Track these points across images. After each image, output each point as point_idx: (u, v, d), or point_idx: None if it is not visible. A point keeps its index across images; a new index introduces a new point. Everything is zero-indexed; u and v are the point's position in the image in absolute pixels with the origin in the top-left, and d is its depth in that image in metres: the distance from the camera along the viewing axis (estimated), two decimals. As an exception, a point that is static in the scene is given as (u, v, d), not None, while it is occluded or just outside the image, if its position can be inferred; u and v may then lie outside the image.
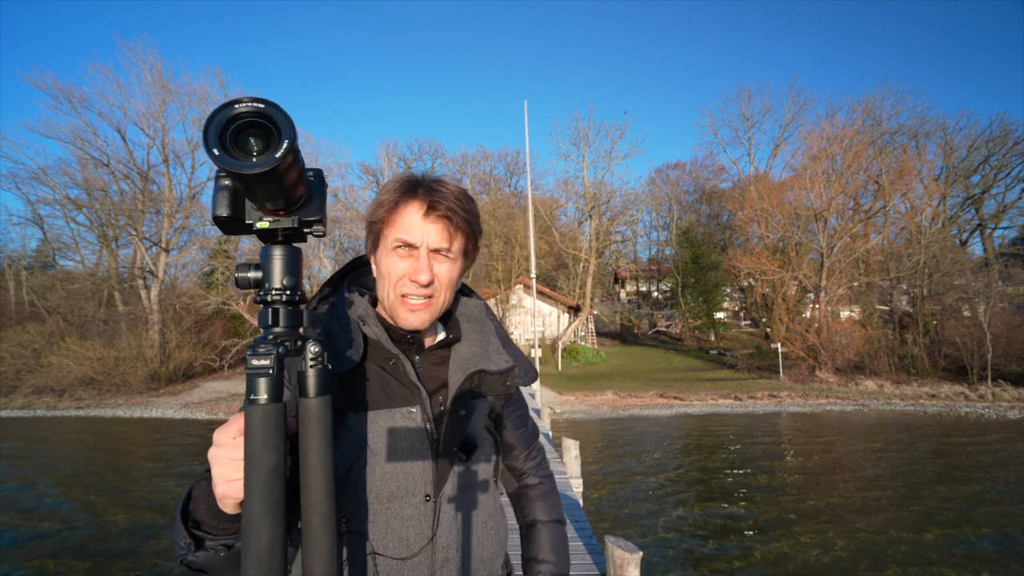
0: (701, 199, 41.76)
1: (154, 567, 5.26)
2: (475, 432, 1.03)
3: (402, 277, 0.96)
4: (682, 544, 5.78)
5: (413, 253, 0.96)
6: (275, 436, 0.60)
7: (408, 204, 0.96)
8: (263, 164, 0.53)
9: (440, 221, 0.95)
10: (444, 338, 1.07)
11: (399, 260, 0.96)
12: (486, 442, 1.05)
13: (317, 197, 0.68)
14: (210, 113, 0.54)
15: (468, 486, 1.01)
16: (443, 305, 1.01)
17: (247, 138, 0.56)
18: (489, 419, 1.07)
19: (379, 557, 0.92)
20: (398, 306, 0.98)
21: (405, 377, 0.97)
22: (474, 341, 1.08)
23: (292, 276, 0.66)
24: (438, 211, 0.94)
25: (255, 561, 0.58)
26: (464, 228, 0.98)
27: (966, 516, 6.65)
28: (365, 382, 0.96)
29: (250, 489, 0.59)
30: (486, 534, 1.03)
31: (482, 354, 1.07)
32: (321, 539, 0.65)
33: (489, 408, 1.08)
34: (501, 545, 1.07)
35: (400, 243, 0.96)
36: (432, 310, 0.99)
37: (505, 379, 1.08)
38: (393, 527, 0.93)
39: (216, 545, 0.73)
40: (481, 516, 1.02)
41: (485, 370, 1.05)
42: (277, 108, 0.55)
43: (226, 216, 0.64)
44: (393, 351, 0.97)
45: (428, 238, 0.95)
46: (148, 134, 27.82)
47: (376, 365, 0.97)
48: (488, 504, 1.05)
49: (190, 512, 0.75)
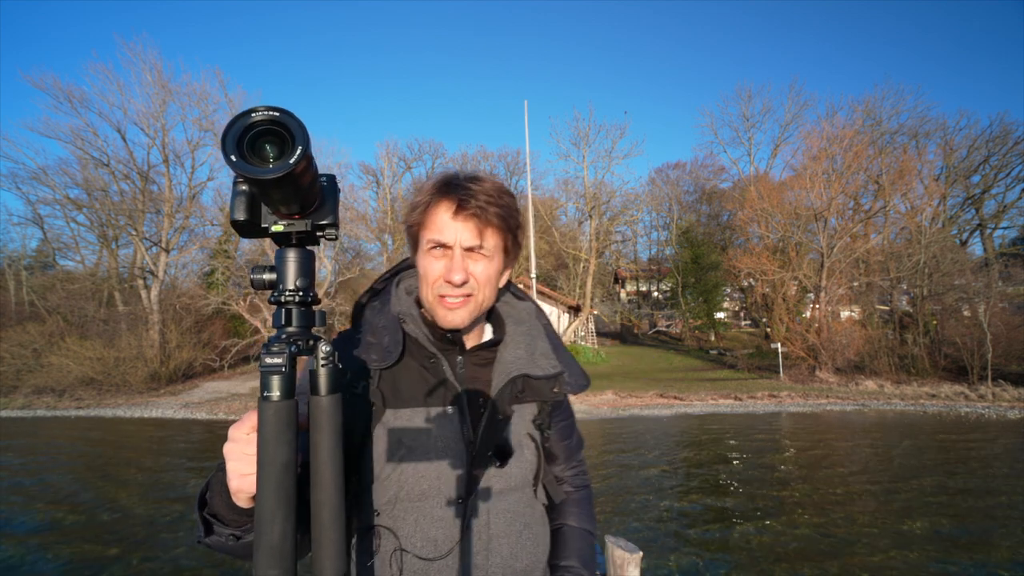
0: (701, 199, 41.77)
1: (153, 568, 5.27)
2: (514, 438, 1.00)
3: (438, 278, 0.96)
4: (682, 544, 5.78)
5: (447, 253, 0.96)
6: (287, 432, 0.62)
7: (439, 204, 0.96)
8: (278, 170, 0.55)
9: (471, 219, 0.94)
10: (487, 340, 1.06)
11: (434, 261, 0.96)
12: (526, 449, 1.02)
13: (330, 201, 0.69)
14: (228, 122, 0.56)
15: (503, 492, 0.98)
16: (483, 303, 0.99)
17: (263, 145, 0.58)
18: (533, 425, 1.03)
19: (406, 554, 0.91)
20: (437, 306, 0.97)
21: (444, 377, 0.98)
22: (520, 344, 1.06)
23: (305, 278, 0.68)
24: (468, 209, 0.94)
25: (267, 553, 0.60)
26: (498, 224, 0.97)
27: (966, 515, 6.65)
28: (405, 379, 0.97)
29: (262, 483, 0.61)
30: (521, 545, 0.98)
31: (527, 358, 1.04)
32: (331, 535, 0.66)
33: (533, 414, 1.04)
34: (538, 559, 1.02)
35: (434, 243, 0.96)
36: (470, 308, 0.97)
37: (552, 385, 1.05)
38: (422, 526, 0.92)
39: (225, 533, 0.76)
40: (515, 526, 0.98)
41: (529, 374, 1.03)
42: (292, 116, 0.57)
43: (243, 220, 0.66)
44: (432, 350, 0.98)
45: (460, 237, 0.95)
46: (148, 134, 27.85)
47: (417, 363, 0.98)
48: (524, 514, 1.00)
49: (207, 500, 0.78)
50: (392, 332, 0.99)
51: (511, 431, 1.00)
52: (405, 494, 0.92)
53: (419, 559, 0.91)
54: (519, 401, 1.02)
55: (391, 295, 1.06)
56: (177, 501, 7.65)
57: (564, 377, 1.08)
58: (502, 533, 0.96)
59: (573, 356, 1.14)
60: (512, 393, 1.01)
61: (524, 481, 1.01)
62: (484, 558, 0.94)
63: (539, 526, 1.04)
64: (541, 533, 1.04)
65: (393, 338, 0.98)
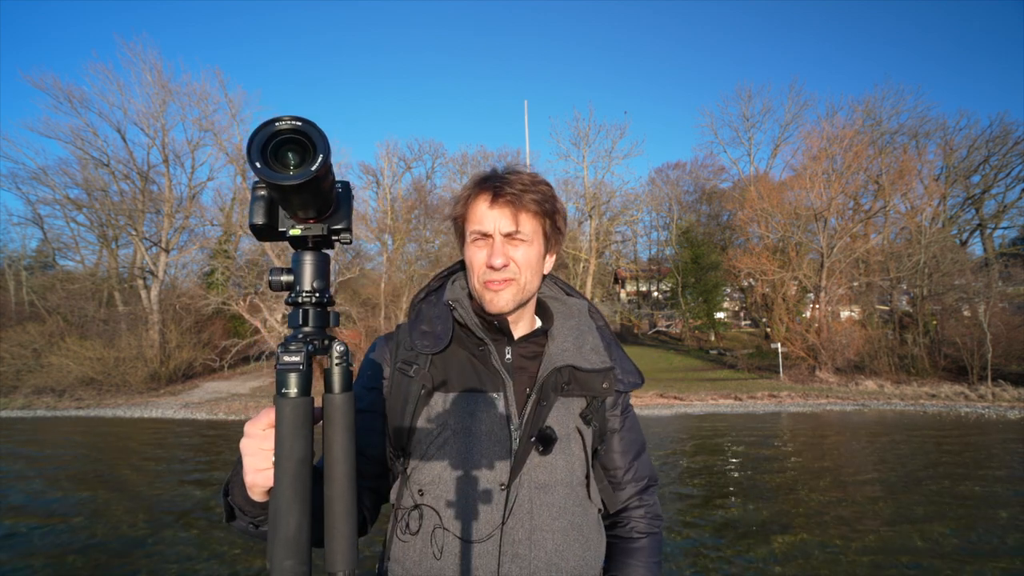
0: (701, 199, 41.76)
1: (153, 568, 5.27)
2: (559, 428, 1.00)
3: (481, 265, 1.00)
4: (682, 543, 5.78)
5: (488, 241, 1.00)
6: (304, 427, 0.64)
7: (478, 197, 1.01)
8: (300, 176, 0.58)
9: (507, 206, 0.99)
10: (534, 330, 1.09)
11: (478, 250, 1.01)
12: (573, 442, 1.01)
13: (344, 207, 0.72)
14: (253, 130, 0.59)
15: (548, 484, 0.98)
16: (525, 286, 1.02)
17: (285, 152, 0.61)
18: (582, 420, 1.03)
19: (447, 534, 0.93)
20: (483, 292, 1.02)
21: (491, 363, 1.01)
22: (568, 337, 1.08)
23: (321, 280, 0.71)
24: (504, 197, 0.99)
25: (283, 544, 0.61)
26: (534, 209, 1.01)
27: (966, 516, 6.65)
28: (454, 365, 1.02)
29: (279, 477, 0.63)
30: (567, 544, 0.97)
31: (575, 350, 1.06)
32: (343, 528, 0.67)
33: (581, 408, 1.04)
34: (588, 564, 0.99)
35: (476, 234, 1.01)
36: (514, 291, 1.01)
37: (602, 380, 1.06)
38: (464, 507, 0.94)
39: (245, 521, 0.80)
40: (561, 522, 0.97)
41: (576, 366, 1.04)
42: (313, 125, 0.60)
43: (261, 224, 0.68)
44: (481, 336, 1.02)
45: (499, 224, 0.99)
46: (148, 134, 27.88)
47: (466, 351, 1.03)
48: (573, 513, 0.99)
49: (230, 489, 0.81)
50: (443, 320, 1.04)
51: (556, 421, 1.01)
52: (449, 475, 0.95)
53: (460, 540, 0.93)
54: (566, 393, 1.03)
55: (446, 290, 1.11)
56: (169, 513, 7.65)
57: (615, 373, 1.08)
58: (546, 527, 0.96)
59: (628, 356, 1.15)
60: (558, 383, 1.02)
61: (571, 476, 1.00)
62: (527, 548, 0.93)
63: (591, 531, 1.02)
64: (594, 539, 1.02)
65: (444, 326, 1.03)
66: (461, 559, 0.92)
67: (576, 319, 1.12)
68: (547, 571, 0.94)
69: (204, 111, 27.62)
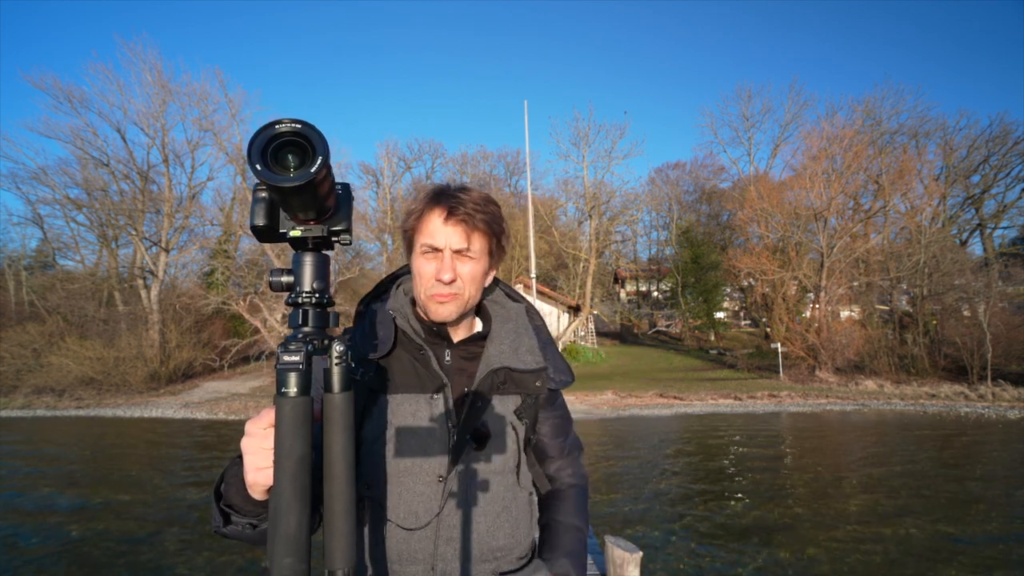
0: (701, 199, 41.77)
1: (153, 568, 5.27)
2: (494, 425, 1.09)
3: (430, 278, 1.05)
4: (682, 543, 5.78)
5: (438, 255, 1.06)
6: (304, 426, 0.65)
7: (432, 212, 1.06)
8: (299, 178, 0.59)
9: (459, 224, 1.04)
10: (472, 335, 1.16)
11: (427, 263, 1.06)
12: (507, 437, 1.10)
13: (344, 208, 0.73)
14: (254, 133, 0.60)
15: (482, 475, 1.06)
16: (469, 299, 1.09)
17: (285, 155, 0.62)
18: (516, 416, 1.12)
19: (391, 524, 1.02)
20: (429, 302, 1.07)
21: (432, 366, 1.08)
22: (504, 340, 1.15)
23: (321, 280, 0.72)
24: (457, 215, 1.04)
25: (283, 541, 0.63)
26: (484, 229, 1.07)
27: (967, 516, 6.65)
28: (398, 368, 1.08)
29: (279, 475, 0.64)
30: (498, 525, 1.07)
31: (511, 352, 1.13)
32: (342, 526, 0.69)
33: (516, 405, 1.13)
34: (518, 540, 1.10)
35: (427, 247, 1.06)
36: (458, 303, 1.07)
37: (536, 379, 1.14)
38: (405, 500, 1.03)
39: (242, 523, 0.82)
40: (494, 507, 1.07)
41: (511, 367, 1.12)
42: (312, 128, 0.61)
43: (262, 225, 0.70)
44: (420, 342, 1.09)
45: (450, 240, 1.05)
46: (148, 134, 27.86)
47: (408, 354, 1.10)
48: (503, 497, 1.08)
49: (223, 492, 0.83)
50: (386, 326, 1.10)
51: (491, 419, 1.09)
52: (392, 470, 1.03)
53: (401, 528, 1.02)
54: (501, 392, 1.11)
55: (390, 297, 1.17)
56: (170, 513, 7.66)
57: (548, 372, 1.16)
58: (480, 512, 1.05)
59: (561, 355, 1.22)
60: (494, 384, 1.10)
61: (504, 467, 1.09)
62: (461, 532, 1.03)
63: (520, 511, 1.12)
64: (522, 519, 1.12)
65: (387, 331, 1.10)
66: (401, 545, 1.02)
67: (514, 322, 1.20)
68: (478, 549, 1.04)
69: (204, 111, 27.63)
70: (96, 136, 26.86)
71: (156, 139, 27.98)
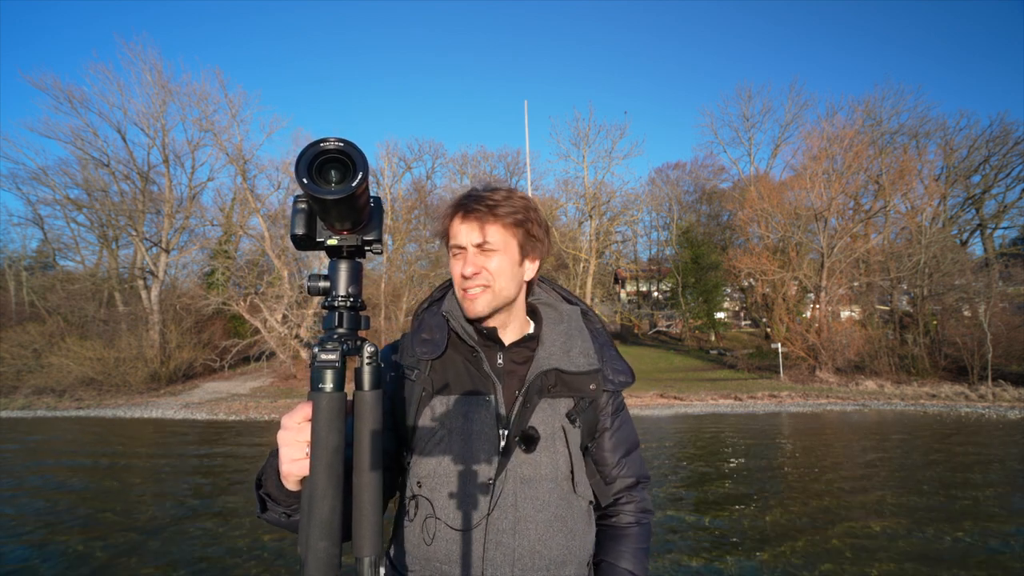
0: (701, 199, 41.76)
1: (153, 567, 5.27)
2: (544, 428, 1.08)
3: (458, 275, 1.09)
4: (682, 543, 5.78)
5: (464, 253, 1.09)
6: (338, 420, 0.69)
7: (454, 215, 1.10)
8: (341, 192, 0.65)
9: (474, 220, 1.07)
10: (521, 337, 1.16)
11: (455, 263, 1.10)
12: (557, 440, 1.08)
13: (376, 220, 0.79)
14: (301, 149, 0.66)
15: (532, 480, 1.05)
16: (501, 292, 1.09)
17: (329, 170, 0.68)
18: (568, 420, 1.10)
19: (439, 523, 1.03)
20: (462, 300, 1.10)
21: (483, 368, 1.09)
22: (555, 342, 1.15)
23: (355, 285, 0.78)
24: (472, 213, 1.07)
25: (319, 526, 0.67)
26: (503, 219, 1.07)
27: (967, 516, 6.65)
28: (451, 370, 1.10)
29: (315, 464, 0.68)
30: (550, 534, 1.04)
31: (562, 354, 1.13)
32: (370, 516, 0.72)
33: (568, 408, 1.11)
34: (572, 552, 1.06)
35: (455, 248, 1.10)
36: (489, 297, 1.08)
37: (589, 381, 1.13)
38: (455, 499, 1.03)
39: (278, 511, 0.88)
40: (545, 514, 1.04)
41: (561, 369, 1.11)
42: (354, 147, 0.67)
43: (302, 234, 0.76)
44: (472, 344, 1.10)
45: (469, 237, 1.07)
46: (148, 134, 27.89)
47: (461, 356, 1.12)
48: (557, 505, 1.06)
49: (262, 481, 0.89)
50: (440, 329, 1.13)
51: (541, 422, 1.08)
52: (443, 469, 1.04)
53: (450, 528, 1.02)
54: (552, 395, 1.10)
55: (445, 301, 1.19)
56: (169, 514, 7.65)
57: (604, 374, 1.15)
58: (530, 518, 1.03)
59: (621, 356, 1.22)
60: (544, 386, 1.09)
61: (555, 471, 1.07)
62: (511, 537, 1.01)
63: (576, 521, 1.08)
64: (578, 529, 1.08)
65: (441, 334, 1.12)
66: (450, 545, 1.01)
67: (566, 324, 1.19)
68: (530, 558, 1.02)
69: (204, 111, 27.65)
70: (96, 136, 26.92)
71: (156, 139, 28.03)
